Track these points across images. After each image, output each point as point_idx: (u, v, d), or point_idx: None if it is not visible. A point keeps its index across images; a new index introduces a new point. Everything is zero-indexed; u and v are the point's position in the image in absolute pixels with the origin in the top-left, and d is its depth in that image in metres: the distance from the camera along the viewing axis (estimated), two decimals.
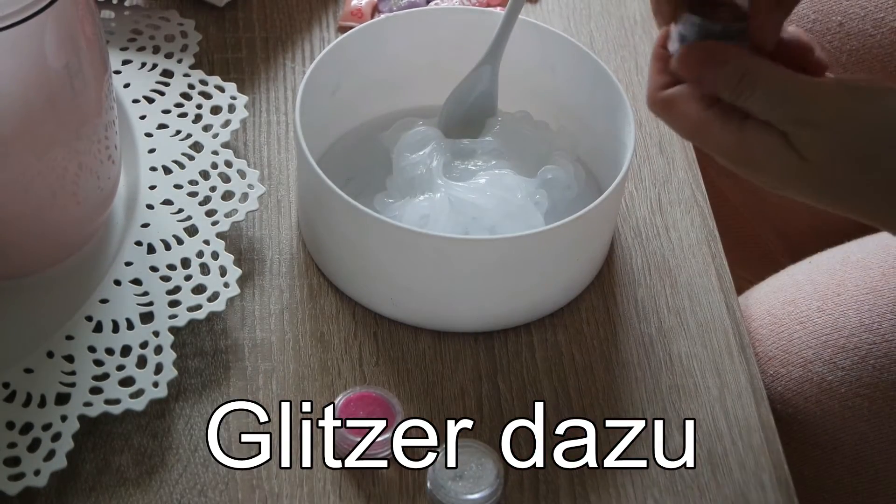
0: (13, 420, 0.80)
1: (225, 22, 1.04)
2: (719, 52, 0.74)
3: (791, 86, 0.73)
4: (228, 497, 0.81)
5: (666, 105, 0.76)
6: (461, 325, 0.88)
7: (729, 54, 0.74)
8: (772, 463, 0.84)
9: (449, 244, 0.85)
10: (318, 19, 1.05)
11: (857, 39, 1.05)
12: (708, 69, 0.74)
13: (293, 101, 0.95)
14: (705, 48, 0.75)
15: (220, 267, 0.88)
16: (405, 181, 0.90)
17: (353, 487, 0.81)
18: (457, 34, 0.95)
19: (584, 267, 0.90)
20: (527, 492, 0.82)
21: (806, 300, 0.96)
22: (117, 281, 0.86)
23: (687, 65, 0.75)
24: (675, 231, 0.94)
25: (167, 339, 0.84)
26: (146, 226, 0.89)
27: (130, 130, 0.93)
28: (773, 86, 0.73)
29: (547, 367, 0.87)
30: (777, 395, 0.94)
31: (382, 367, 0.87)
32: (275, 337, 0.88)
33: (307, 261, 0.91)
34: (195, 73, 0.97)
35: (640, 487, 0.82)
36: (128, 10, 1.01)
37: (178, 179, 0.92)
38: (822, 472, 0.94)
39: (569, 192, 0.90)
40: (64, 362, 0.82)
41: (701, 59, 0.75)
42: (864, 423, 0.92)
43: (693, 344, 0.89)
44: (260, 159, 0.96)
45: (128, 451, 0.82)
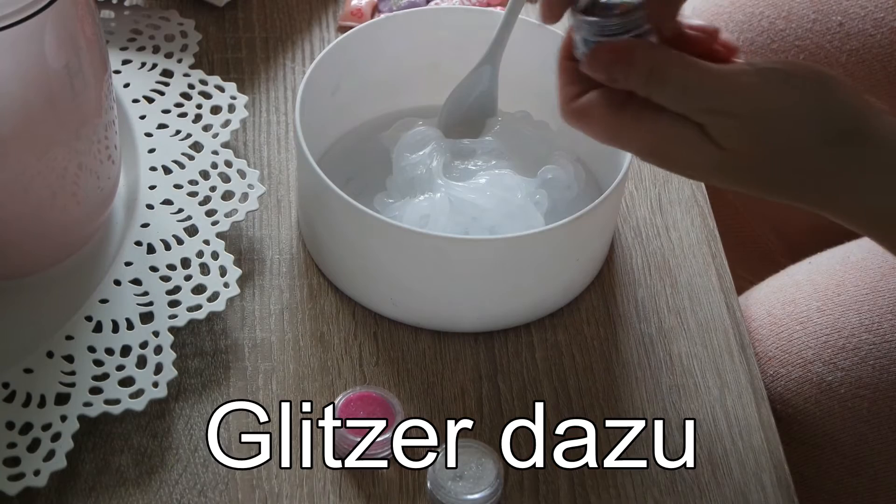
0: (13, 420, 0.80)
1: (225, 22, 1.04)
2: (625, 49, 0.73)
3: (701, 75, 0.72)
4: (228, 497, 0.81)
5: (579, 114, 0.75)
6: (461, 325, 0.88)
7: (635, 50, 0.73)
8: (772, 463, 0.84)
9: (449, 244, 0.85)
10: (318, 19, 1.05)
11: (857, 39, 1.05)
12: (617, 67, 0.73)
13: (293, 101, 0.95)
14: (611, 47, 0.74)
15: (220, 267, 0.88)
16: (405, 181, 0.90)
17: (353, 487, 0.81)
18: (457, 34, 0.95)
19: (584, 267, 0.90)
20: (527, 492, 0.82)
21: (806, 300, 0.96)
22: (117, 281, 0.86)
23: (596, 66, 0.74)
24: (675, 231, 0.94)
25: (167, 339, 0.84)
26: (146, 226, 0.89)
27: (130, 130, 0.93)
28: (682, 77, 0.72)
29: (547, 367, 0.87)
30: (776, 396, 0.94)
31: (382, 367, 0.87)
32: (275, 337, 0.88)
33: (307, 261, 0.91)
34: (195, 72, 0.97)
35: (640, 487, 0.82)
36: (128, 10, 1.01)
37: (178, 179, 0.92)
38: (821, 473, 0.94)
39: (569, 192, 0.90)
40: (64, 362, 0.82)
41: (609, 59, 0.74)
42: (864, 424, 0.92)
43: (693, 344, 0.89)
44: (260, 159, 0.96)
45: (128, 451, 0.82)
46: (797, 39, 1.07)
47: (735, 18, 1.09)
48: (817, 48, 1.06)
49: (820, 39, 1.06)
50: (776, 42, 1.08)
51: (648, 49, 0.73)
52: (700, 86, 0.72)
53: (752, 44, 1.08)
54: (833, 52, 1.06)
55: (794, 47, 1.07)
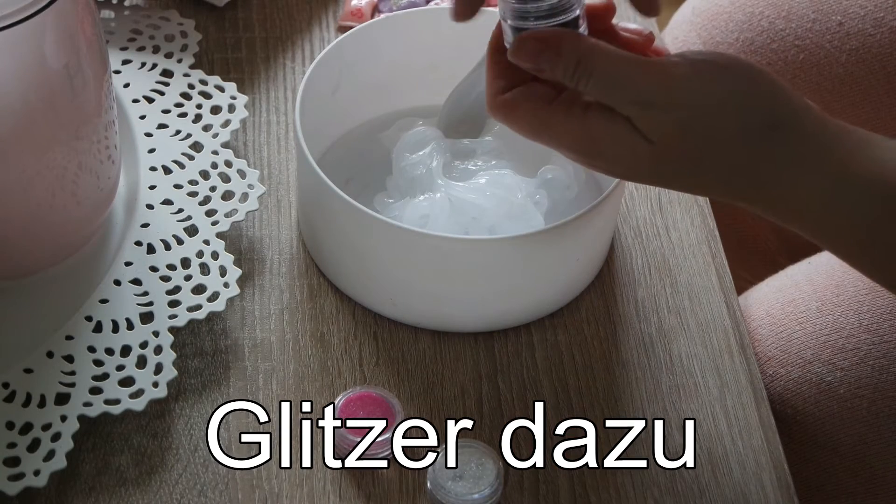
0: (13, 420, 0.80)
1: (225, 22, 1.04)
2: (553, 39, 0.73)
3: (627, 67, 0.72)
4: (228, 497, 0.81)
5: (506, 108, 0.75)
6: (461, 325, 0.88)
7: (563, 41, 0.72)
8: (772, 463, 0.84)
9: (449, 244, 0.85)
10: (318, 19, 1.05)
11: (857, 39, 1.05)
12: (543, 56, 0.72)
13: (293, 101, 0.95)
14: (539, 37, 0.73)
15: (220, 267, 0.88)
16: (405, 181, 0.90)
17: (353, 487, 0.81)
18: (457, 34, 0.95)
19: (584, 267, 0.90)
20: (527, 492, 0.82)
21: (805, 300, 0.96)
22: (117, 281, 0.86)
23: (522, 55, 0.73)
24: (675, 231, 0.94)
25: (167, 339, 0.84)
26: (146, 226, 0.89)
27: (130, 130, 0.93)
28: (609, 69, 0.71)
29: (547, 367, 0.87)
30: (776, 396, 0.94)
31: (382, 367, 0.87)
32: (275, 337, 0.88)
33: (307, 261, 0.91)
34: (195, 72, 0.97)
35: (640, 487, 0.82)
36: (128, 10, 1.01)
37: (178, 179, 0.92)
38: (821, 473, 0.94)
39: (569, 192, 0.90)
40: (64, 362, 0.82)
41: (536, 48, 0.73)
42: (863, 424, 0.92)
43: (693, 344, 0.89)
44: (260, 159, 0.96)
45: (128, 452, 0.82)
46: (797, 39, 1.07)
47: (735, 18, 1.10)
48: (817, 48, 1.06)
49: (820, 39, 1.06)
50: (776, 42, 1.08)
51: (576, 39, 0.73)
52: (628, 77, 0.71)
53: (751, 44, 1.08)
54: (833, 52, 1.06)
55: (793, 47, 1.07)
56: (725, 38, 1.10)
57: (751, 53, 1.08)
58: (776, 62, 1.07)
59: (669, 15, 1.19)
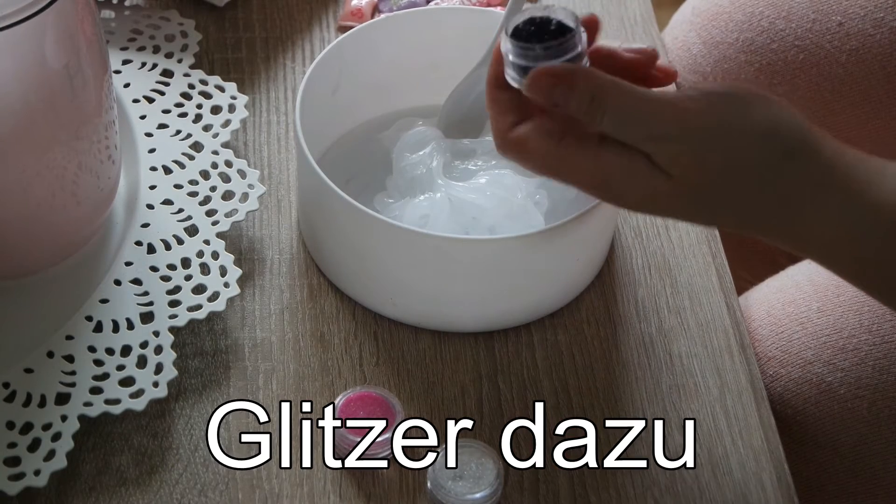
0: (13, 420, 0.80)
1: (225, 22, 1.04)
2: (567, 74, 0.72)
3: (641, 103, 0.71)
4: (228, 497, 0.81)
5: (518, 145, 0.74)
6: (461, 325, 0.88)
7: (577, 76, 0.72)
8: (772, 463, 0.84)
9: (449, 244, 0.85)
10: (318, 19, 1.05)
11: (857, 39, 1.05)
12: (558, 90, 0.72)
13: (293, 101, 0.95)
14: (552, 72, 0.72)
15: (221, 267, 0.88)
16: (405, 181, 0.90)
17: (353, 487, 0.81)
18: (457, 34, 0.95)
19: (584, 267, 0.90)
20: (527, 492, 0.82)
21: (806, 301, 0.96)
22: (117, 281, 0.86)
23: (536, 89, 0.73)
24: (675, 231, 0.94)
25: (167, 339, 0.84)
26: (146, 226, 0.89)
27: (130, 130, 0.93)
28: (622, 105, 0.71)
29: (547, 367, 0.87)
30: (776, 396, 0.94)
31: (382, 367, 0.87)
32: (275, 337, 0.88)
33: (307, 261, 0.91)
34: (195, 72, 0.97)
35: (640, 487, 0.82)
36: (128, 10, 1.01)
37: (178, 179, 0.92)
38: (821, 473, 0.94)
39: (569, 192, 0.90)
40: (64, 362, 0.82)
41: (550, 82, 0.72)
42: (864, 425, 0.92)
43: (693, 344, 0.89)
44: (260, 159, 0.96)
45: (128, 451, 0.82)
46: (797, 39, 1.07)
47: (735, 18, 1.10)
48: (817, 48, 1.06)
49: (819, 39, 1.06)
50: (776, 42, 1.08)
51: (590, 75, 0.72)
52: (642, 112, 0.71)
53: (751, 44, 1.08)
54: (833, 52, 1.06)
55: (793, 47, 1.07)
56: (725, 39, 1.10)
57: (751, 53, 1.08)
58: (776, 62, 1.07)
59: (669, 15, 1.19)
